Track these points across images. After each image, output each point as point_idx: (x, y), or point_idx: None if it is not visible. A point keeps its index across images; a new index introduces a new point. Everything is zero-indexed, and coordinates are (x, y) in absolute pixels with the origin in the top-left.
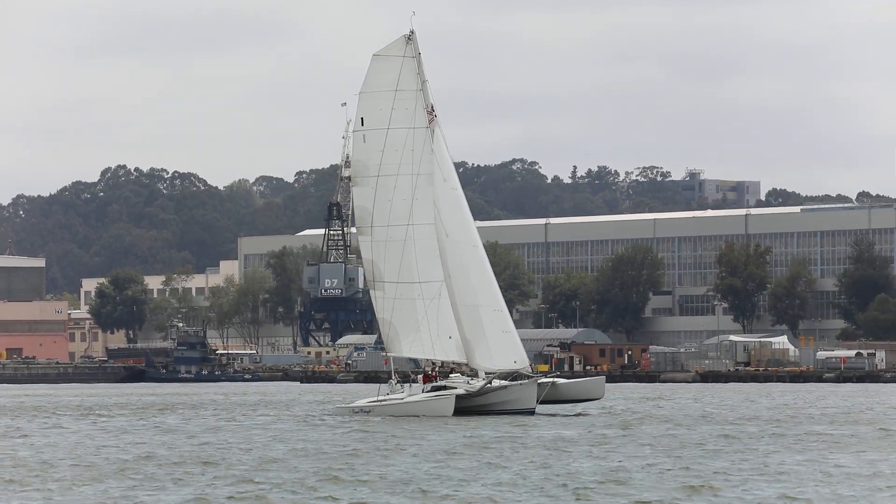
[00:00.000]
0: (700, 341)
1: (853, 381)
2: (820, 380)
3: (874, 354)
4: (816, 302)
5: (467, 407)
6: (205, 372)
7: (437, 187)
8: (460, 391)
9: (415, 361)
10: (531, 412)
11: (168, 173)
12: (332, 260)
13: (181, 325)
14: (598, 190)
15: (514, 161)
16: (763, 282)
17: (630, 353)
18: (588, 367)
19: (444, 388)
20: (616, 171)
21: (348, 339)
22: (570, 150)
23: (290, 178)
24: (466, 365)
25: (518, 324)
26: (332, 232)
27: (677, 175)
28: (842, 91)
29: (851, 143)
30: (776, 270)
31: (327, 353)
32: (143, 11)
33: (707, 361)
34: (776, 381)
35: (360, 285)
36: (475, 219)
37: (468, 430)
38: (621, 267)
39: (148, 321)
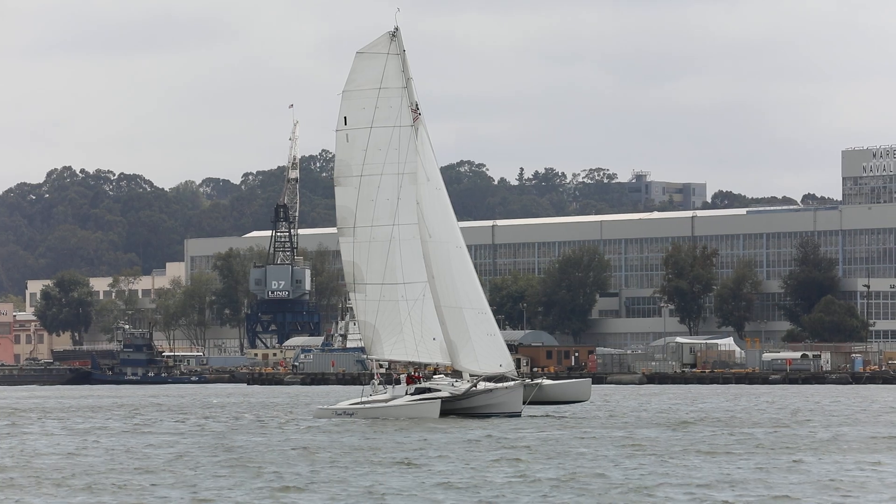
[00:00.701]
0: (646, 343)
1: (799, 383)
2: (766, 381)
3: (819, 356)
4: (762, 304)
5: (453, 410)
6: (151, 374)
7: (420, 187)
8: (445, 394)
9: (361, 363)
10: (517, 415)
11: (114, 175)
12: (278, 262)
13: (127, 327)
14: (544, 192)
15: (461, 163)
16: (709, 284)
17: (577, 354)
18: (535, 369)
19: (429, 389)
20: (563, 173)
21: (295, 340)
22: (516, 152)
23: (236, 180)
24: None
25: None
26: (278, 234)
27: (624, 177)
28: (787, 93)
29: (797, 145)
30: (722, 272)
31: (274, 354)
32: (88, 12)
33: (653, 363)
34: (722, 383)
35: (307, 287)
36: None
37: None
38: (568, 269)
39: (94, 323)
